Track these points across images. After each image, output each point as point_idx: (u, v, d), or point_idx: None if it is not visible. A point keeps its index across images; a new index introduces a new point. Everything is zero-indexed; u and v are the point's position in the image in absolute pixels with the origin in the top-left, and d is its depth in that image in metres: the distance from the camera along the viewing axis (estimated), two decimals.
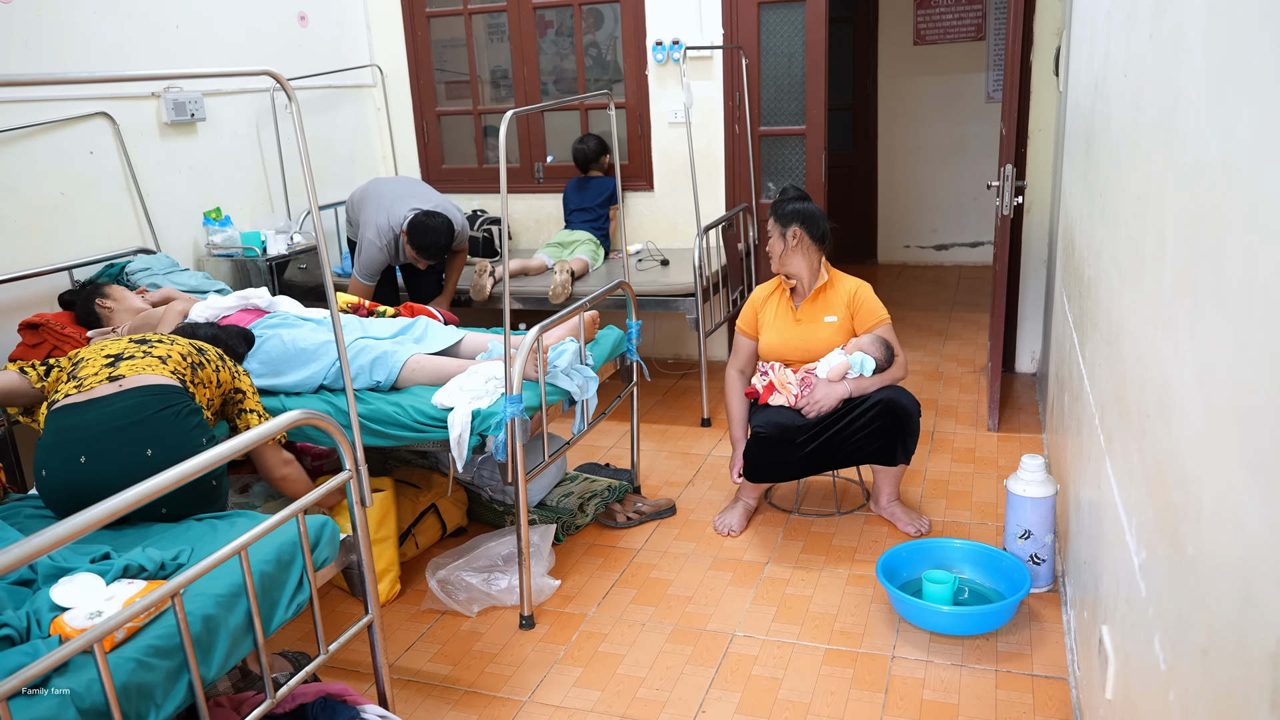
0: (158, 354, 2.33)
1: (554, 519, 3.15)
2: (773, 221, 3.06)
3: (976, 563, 2.73)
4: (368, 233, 3.91)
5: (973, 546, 2.74)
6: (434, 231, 3.81)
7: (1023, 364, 4.56)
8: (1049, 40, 4.05)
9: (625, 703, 2.35)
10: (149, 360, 2.30)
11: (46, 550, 1.26)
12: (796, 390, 2.95)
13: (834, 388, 2.90)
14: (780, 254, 3.05)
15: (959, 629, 2.50)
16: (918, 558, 2.75)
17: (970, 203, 6.76)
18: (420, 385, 2.83)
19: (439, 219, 3.84)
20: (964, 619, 2.48)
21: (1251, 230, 0.87)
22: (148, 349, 2.35)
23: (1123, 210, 1.71)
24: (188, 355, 2.37)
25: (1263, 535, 0.81)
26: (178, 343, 2.42)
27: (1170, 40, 1.29)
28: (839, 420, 2.90)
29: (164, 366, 2.29)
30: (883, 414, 2.88)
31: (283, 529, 1.90)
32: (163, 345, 2.38)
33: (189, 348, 2.41)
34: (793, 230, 3.00)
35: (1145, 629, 1.30)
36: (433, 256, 3.88)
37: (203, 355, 2.41)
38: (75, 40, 3.48)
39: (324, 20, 4.76)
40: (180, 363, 2.33)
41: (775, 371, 3.03)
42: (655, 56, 4.66)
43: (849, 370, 2.91)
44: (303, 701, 1.96)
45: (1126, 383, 1.57)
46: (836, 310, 3.05)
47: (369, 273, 3.96)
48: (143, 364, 2.28)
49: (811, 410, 2.90)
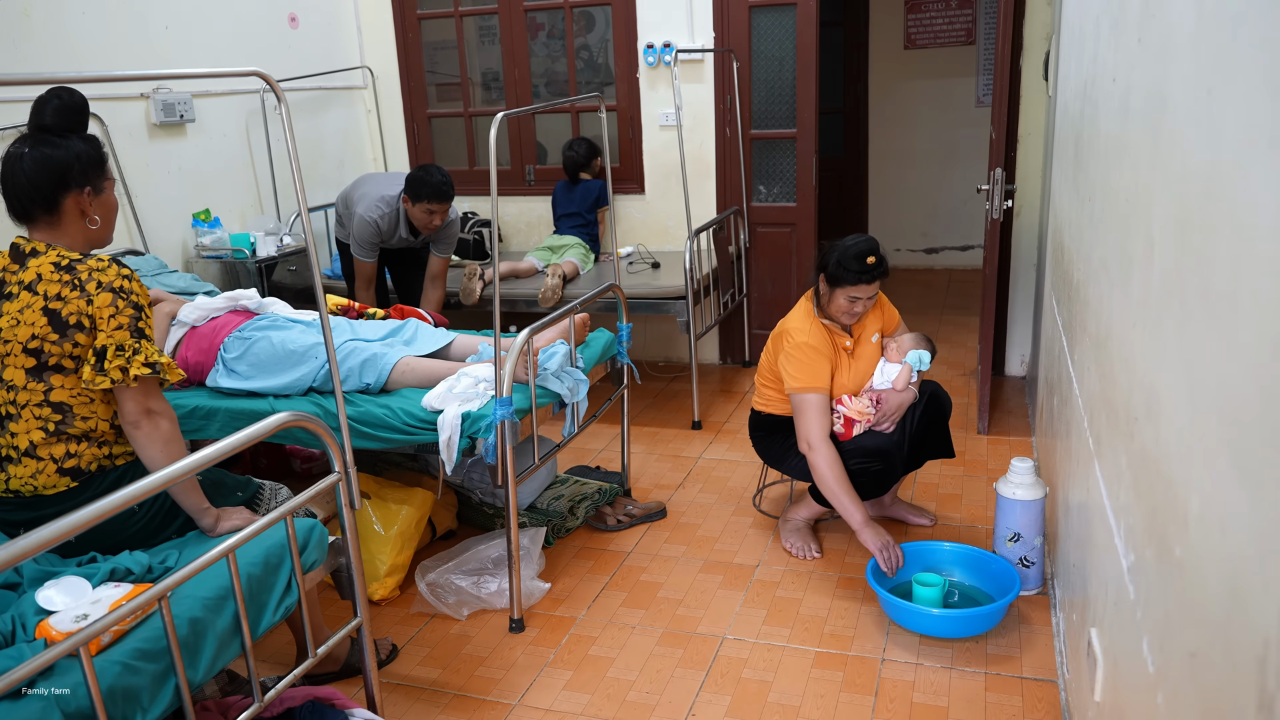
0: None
1: (544, 522, 3.14)
2: (859, 287, 2.75)
3: (966, 565, 2.74)
4: (359, 208, 3.83)
5: (962, 549, 2.75)
6: (431, 173, 3.71)
7: (1012, 367, 4.57)
8: (1039, 45, 4.07)
9: (615, 706, 2.34)
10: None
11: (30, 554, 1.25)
12: (873, 410, 2.86)
13: (903, 396, 2.86)
14: (867, 310, 2.86)
15: (948, 632, 2.51)
16: (907, 561, 2.75)
17: (960, 206, 6.78)
18: (410, 388, 2.82)
19: (430, 165, 3.77)
20: (953, 622, 2.49)
21: (1238, 234, 0.87)
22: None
23: (1111, 214, 1.71)
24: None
25: (1250, 537, 0.82)
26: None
27: (1158, 45, 1.30)
28: (904, 424, 2.89)
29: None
30: (931, 402, 2.92)
31: (271, 531, 1.89)
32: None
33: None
34: (878, 283, 2.79)
35: (1134, 631, 1.31)
36: (443, 196, 3.72)
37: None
38: (63, 40, 3.46)
39: (314, 21, 4.75)
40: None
41: (849, 405, 2.86)
42: (646, 59, 4.66)
43: (912, 373, 2.89)
44: (290, 705, 1.95)
45: (1115, 386, 1.58)
46: (872, 324, 2.97)
47: (362, 248, 3.88)
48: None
49: (891, 424, 2.85)
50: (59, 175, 1.94)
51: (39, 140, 1.94)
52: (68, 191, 1.96)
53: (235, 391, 2.82)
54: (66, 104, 1.96)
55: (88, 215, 2.00)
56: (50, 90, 1.96)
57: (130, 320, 1.95)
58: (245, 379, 2.82)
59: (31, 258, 1.97)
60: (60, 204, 1.96)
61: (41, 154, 1.93)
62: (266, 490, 2.33)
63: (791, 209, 4.71)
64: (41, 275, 1.94)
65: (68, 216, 1.98)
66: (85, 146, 1.98)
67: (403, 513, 2.90)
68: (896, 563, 2.67)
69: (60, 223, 1.98)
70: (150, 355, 1.96)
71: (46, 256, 1.96)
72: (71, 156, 1.94)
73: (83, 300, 1.93)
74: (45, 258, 1.96)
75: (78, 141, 1.97)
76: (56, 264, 1.95)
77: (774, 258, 4.80)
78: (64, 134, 1.96)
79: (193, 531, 2.10)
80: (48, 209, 1.96)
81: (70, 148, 1.95)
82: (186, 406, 2.80)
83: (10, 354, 1.95)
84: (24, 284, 1.95)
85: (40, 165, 1.92)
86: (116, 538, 2.01)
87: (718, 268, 4.51)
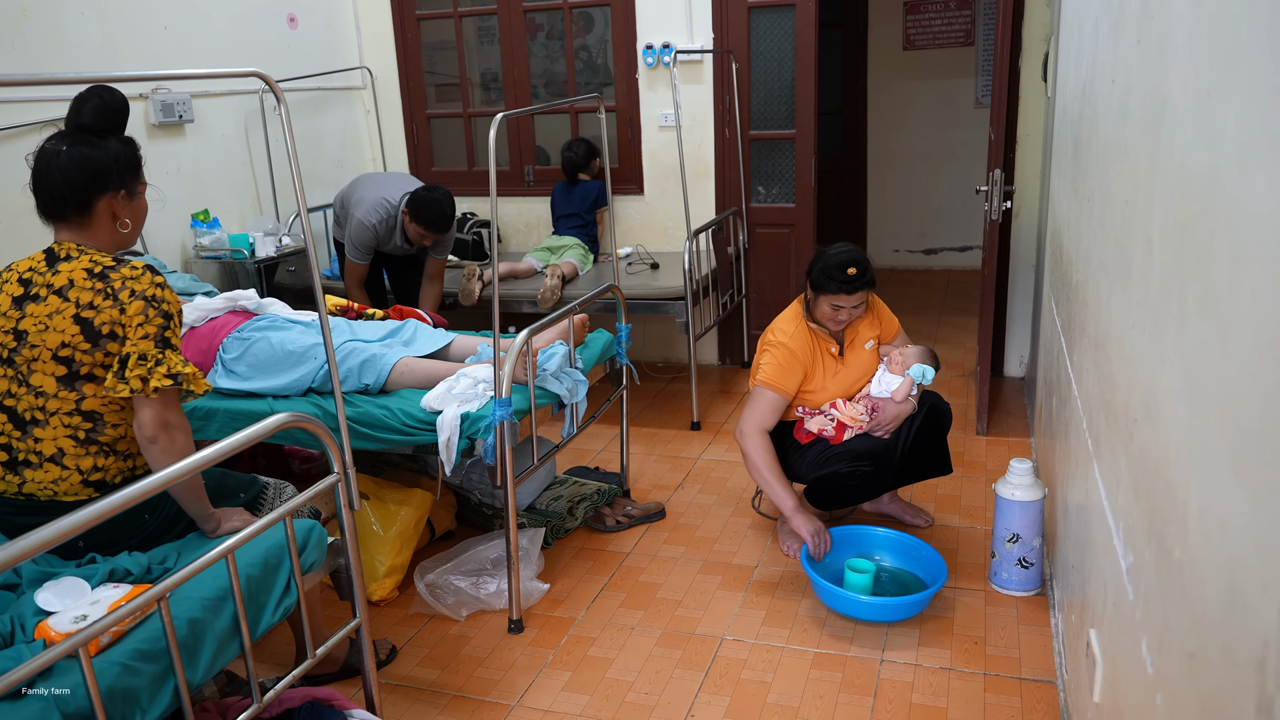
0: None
1: (543, 522, 3.14)
2: (839, 296, 2.75)
3: (898, 551, 2.84)
4: (358, 211, 3.86)
5: (895, 536, 2.84)
6: (437, 203, 3.77)
7: (1011, 368, 4.57)
8: (1038, 46, 4.07)
9: (614, 707, 2.34)
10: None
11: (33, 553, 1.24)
12: (866, 418, 2.87)
13: (901, 408, 2.87)
14: (853, 318, 2.87)
15: (876, 616, 2.60)
16: (842, 545, 2.83)
17: (959, 207, 6.79)
18: (409, 388, 2.82)
19: (440, 190, 3.81)
20: (882, 608, 2.57)
21: (1237, 236, 0.87)
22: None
23: (1110, 215, 1.71)
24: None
25: (1249, 539, 0.82)
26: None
27: (1157, 46, 1.30)
28: (899, 432, 2.89)
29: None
30: (931, 414, 2.91)
31: (270, 532, 1.89)
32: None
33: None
34: (863, 294, 2.80)
35: (1133, 632, 1.31)
36: (441, 228, 3.81)
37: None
38: (62, 41, 3.46)
39: (313, 22, 4.75)
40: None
41: (842, 409, 2.87)
42: (645, 60, 4.66)
43: (913, 387, 2.88)
44: (289, 706, 1.95)
45: (1114, 387, 1.58)
46: (867, 331, 2.96)
47: (357, 250, 3.91)
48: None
49: (885, 434, 2.87)
50: (95, 176, 1.90)
51: (77, 139, 1.90)
52: (103, 193, 1.92)
53: (234, 392, 2.82)
54: (107, 103, 1.92)
55: (119, 218, 1.97)
56: (91, 88, 1.92)
57: (158, 330, 1.91)
58: (244, 380, 2.82)
59: (64, 261, 1.92)
60: (93, 205, 1.93)
61: (79, 153, 1.89)
62: (271, 489, 2.32)
63: (790, 210, 4.71)
64: (74, 281, 1.90)
65: (99, 218, 1.95)
66: (123, 148, 1.95)
67: (402, 513, 2.90)
68: (825, 548, 2.75)
69: (91, 224, 1.95)
70: (174, 366, 1.91)
71: (79, 261, 1.92)
72: (110, 158, 1.91)
73: (115, 309, 1.89)
74: (77, 263, 1.92)
75: (115, 143, 1.94)
76: (89, 270, 1.91)
77: (773, 259, 4.80)
78: (102, 134, 1.92)
79: (192, 533, 2.09)
80: (80, 209, 1.93)
81: (108, 149, 1.92)
82: (185, 407, 2.79)
83: (38, 359, 1.91)
84: (53, 288, 1.91)
85: (76, 164, 1.89)
86: (125, 544, 2.00)
87: (716, 268, 4.51)
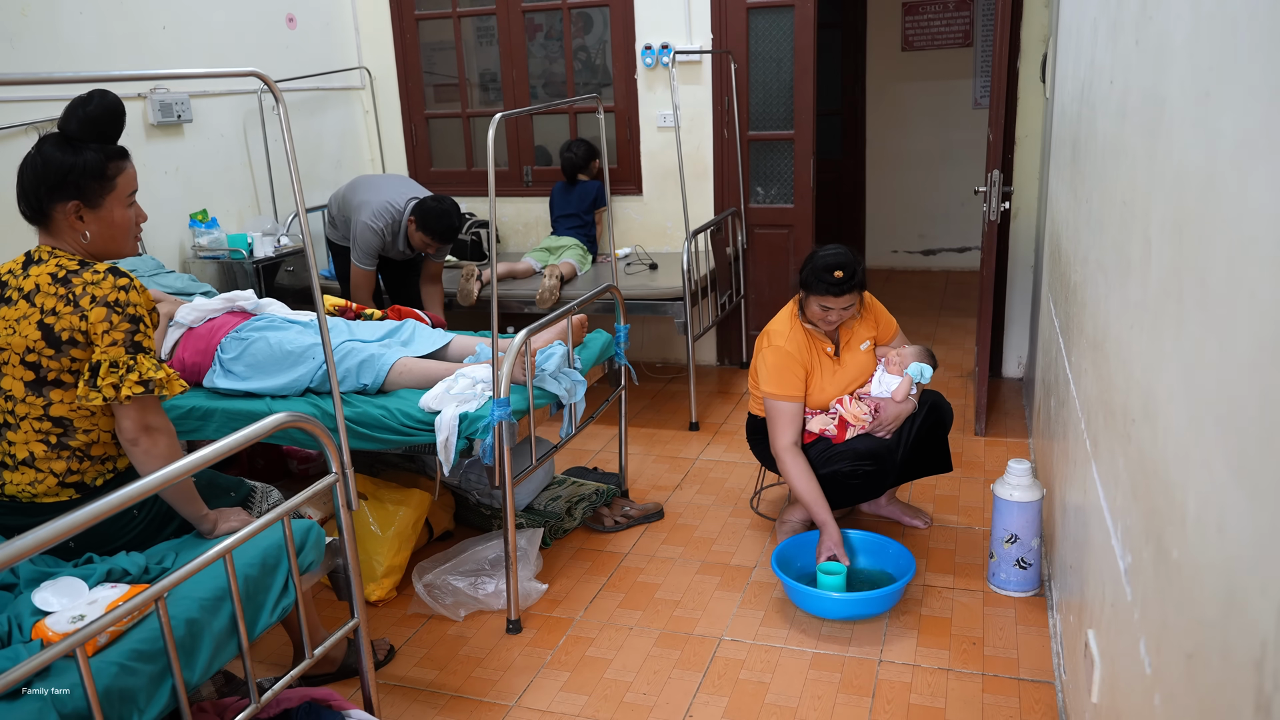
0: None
1: (541, 523, 3.14)
2: (827, 298, 2.75)
3: (868, 552, 2.86)
4: (361, 215, 3.84)
5: (863, 536, 2.86)
6: (444, 214, 3.77)
7: (1009, 369, 4.58)
8: (1036, 47, 4.08)
9: (612, 707, 2.34)
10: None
11: (27, 554, 1.24)
12: (869, 418, 2.88)
13: (902, 407, 2.88)
14: (847, 319, 2.88)
15: (847, 613, 2.62)
16: (810, 550, 2.83)
17: (957, 208, 6.79)
18: (407, 388, 2.82)
19: (447, 201, 3.81)
20: (852, 604, 2.60)
21: (1235, 236, 0.87)
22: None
23: (1108, 216, 1.71)
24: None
25: (1247, 539, 0.82)
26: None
27: (1155, 47, 1.30)
28: (900, 432, 2.91)
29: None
30: (932, 413, 2.92)
31: (268, 532, 1.89)
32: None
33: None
34: (852, 296, 2.79)
35: (1131, 633, 1.31)
36: (447, 239, 3.81)
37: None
38: (61, 40, 3.45)
39: (312, 22, 4.75)
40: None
41: (846, 407, 2.88)
42: (644, 61, 4.66)
43: (912, 386, 2.89)
44: (287, 706, 1.95)
45: (1112, 387, 1.58)
46: (863, 332, 2.96)
47: (367, 256, 3.90)
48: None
49: (887, 434, 2.87)
50: (50, 183, 1.88)
51: (56, 144, 1.89)
52: (54, 201, 1.90)
53: (232, 392, 2.82)
54: (91, 116, 1.88)
55: (77, 229, 1.93)
56: (90, 93, 1.90)
57: (125, 335, 1.89)
58: (242, 380, 2.81)
59: (35, 265, 1.92)
60: (47, 212, 1.91)
61: (45, 158, 1.88)
62: (258, 493, 2.32)
63: (789, 210, 4.71)
64: (40, 286, 1.90)
65: (57, 225, 1.93)
66: (94, 158, 1.90)
67: (400, 514, 2.89)
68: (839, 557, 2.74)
69: (53, 229, 1.94)
70: (146, 372, 1.89)
71: (46, 265, 1.92)
72: (69, 166, 1.88)
73: (76, 316, 1.88)
74: (45, 266, 1.92)
75: (91, 152, 1.90)
76: (54, 275, 1.90)
77: (771, 259, 4.80)
78: (83, 142, 1.90)
79: (188, 532, 2.09)
80: (34, 215, 1.92)
81: (77, 158, 1.88)
82: (183, 407, 2.79)
83: (8, 363, 1.91)
84: (23, 292, 1.91)
85: (37, 170, 1.88)
86: (116, 541, 2.00)
87: (715, 269, 4.51)
